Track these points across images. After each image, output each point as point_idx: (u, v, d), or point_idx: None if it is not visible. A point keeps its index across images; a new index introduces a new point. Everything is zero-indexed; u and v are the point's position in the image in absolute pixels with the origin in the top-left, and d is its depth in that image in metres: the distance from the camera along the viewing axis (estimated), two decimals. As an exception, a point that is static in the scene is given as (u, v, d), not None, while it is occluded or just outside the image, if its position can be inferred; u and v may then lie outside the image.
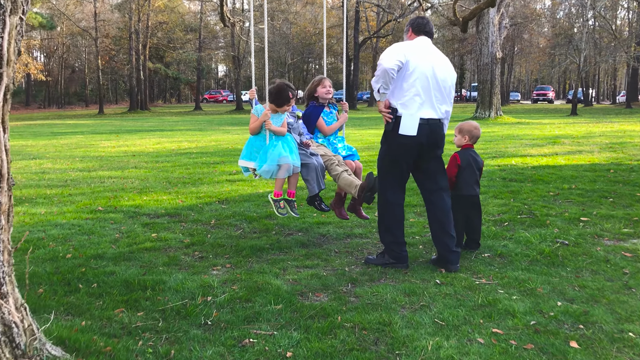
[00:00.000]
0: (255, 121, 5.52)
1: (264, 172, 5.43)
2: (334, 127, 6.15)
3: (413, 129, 4.71)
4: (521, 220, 6.60)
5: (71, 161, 12.86)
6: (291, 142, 5.61)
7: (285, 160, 5.39)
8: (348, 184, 5.64)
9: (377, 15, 57.46)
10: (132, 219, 6.95)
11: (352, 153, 6.14)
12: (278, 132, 5.53)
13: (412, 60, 4.70)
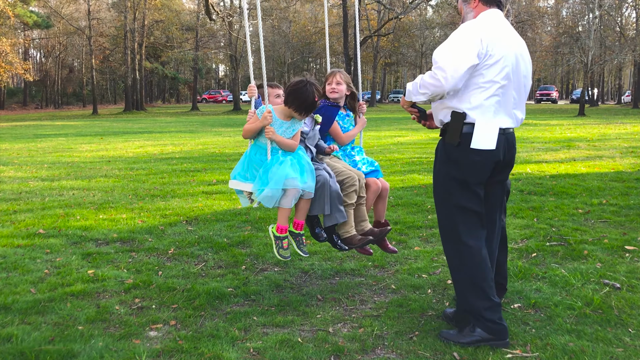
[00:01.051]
0: (253, 122, 4.14)
1: (265, 198, 4.02)
2: (352, 134, 4.83)
3: (491, 141, 3.36)
4: (552, 250, 5.32)
5: (37, 168, 11.60)
6: (303, 158, 4.22)
7: (293, 184, 4.00)
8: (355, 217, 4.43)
9: (378, 13, 56.17)
10: (75, 246, 5.68)
11: (375, 169, 4.79)
12: (285, 145, 4.15)
13: (494, 49, 3.31)
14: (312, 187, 4.06)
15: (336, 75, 4.83)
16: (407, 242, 5.72)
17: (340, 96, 4.84)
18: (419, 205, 7.40)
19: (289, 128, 4.20)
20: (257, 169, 4.13)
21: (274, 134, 4.06)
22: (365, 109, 5.07)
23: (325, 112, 4.83)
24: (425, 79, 3.38)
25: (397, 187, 8.85)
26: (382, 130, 21.50)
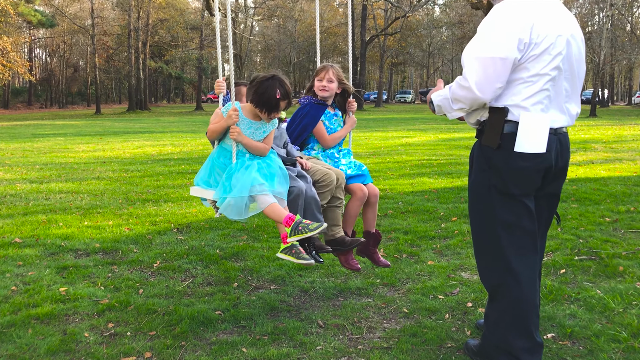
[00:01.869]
0: (218, 121, 3.69)
1: (228, 208, 3.53)
2: (338, 136, 4.36)
3: (541, 143, 2.71)
4: (582, 266, 4.73)
5: (28, 169, 11.08)
6: (274, 162, 3.75)
7: (260, 190, 3.50)
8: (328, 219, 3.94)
9: (385, 12, 55.55)
10: (51, 258, 5.14)
11: (362, 173, 4.27)
12: (254, 149, 3.71)
13: (540, 35, 2.65)
14: (283, 194, 3.59)
15: (328, 71, 4.30)
16: (420, 254, 5.15)
17: (330, 95, 4.33)
18: (430, 212, 6.83)
19: (258, 129, 3.73)
20: (221, 174, 3.67)
21: (240, 135, 3.62)
22: (355, 107, 4.53)
23: (309, 111, 4.32)
24: (455, 90, 2.76)
25: (406, 191, 8.27)
26: (389, 131, 20.91)
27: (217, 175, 3.70)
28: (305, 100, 4.42)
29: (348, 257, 4.16)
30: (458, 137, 17.43)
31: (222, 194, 3.54)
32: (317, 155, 4.31)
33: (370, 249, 4.26)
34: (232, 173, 3.58)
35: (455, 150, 13.57)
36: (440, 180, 9.18)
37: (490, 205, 2.81)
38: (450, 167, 10.68)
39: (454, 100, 2.77)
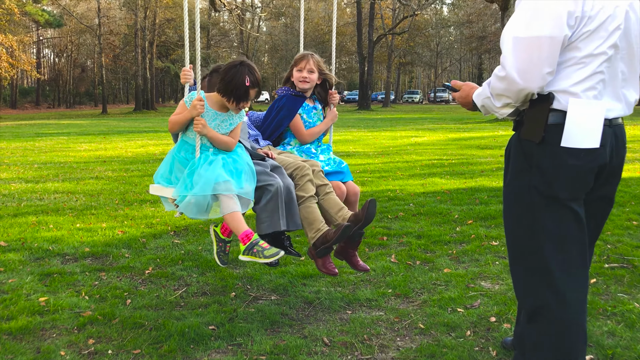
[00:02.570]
0: (181, 112, 3.39)
1: (188, 207, 3.27)
2: (317, 130, 4.07)
3: (594, 137, 2.26)
4: (614, 275, 4.31)
5: (26, 169, 10.73)
6: (242, 158, 3.45)
7: (225, 188, 3.22)
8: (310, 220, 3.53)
9: (393, 11, 55.08)
10: (36, 263, 4.76)
11: (342, 170, 3.96)
12: (220, 143, 3.42)
13: (594, 7, 2.20)
14: (250, 194, 3.34)
15: (309, 60, 3.95)
16: (435, 261, 4.73)
17: (310, 87, 4.00)
18: (444, 215, 6.40)
19: (224, 121, 3.44)
20: (183, 170, 3.38)
21: (205, 127, 3.32)
22: (337, 99, 4.20)
23: (286, 103, 3.98)
24: (494, 84, 2.29)
25: (417, 192, 7.85)
26: (398, 130, 20.47)
27: (178, 172, 3.41)
28: (282, 92, 4.09)
29: (325, 260, 3.80)
30: (468, 137, 16.98)
31: (182, 191, 3.26)
32: (292, 150, 3.99)
33: (349, 252, 3.86)
34: (195, 169, 3.30)
35: (467, 150, 13.13)
36: (453, 180, 8.75)
37: (532, 212, 2.35)
38: (462, 167, 10.25)
39: (496, 96, 2.31)
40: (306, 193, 3.50)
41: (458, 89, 2.64)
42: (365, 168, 10.25)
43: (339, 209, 3.57)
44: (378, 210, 6.62)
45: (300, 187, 3.52)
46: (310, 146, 4.04)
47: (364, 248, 5.13)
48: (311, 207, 3.50)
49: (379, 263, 4.64)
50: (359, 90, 45.43)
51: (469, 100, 2.55)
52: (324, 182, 3.63)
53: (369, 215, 3.40)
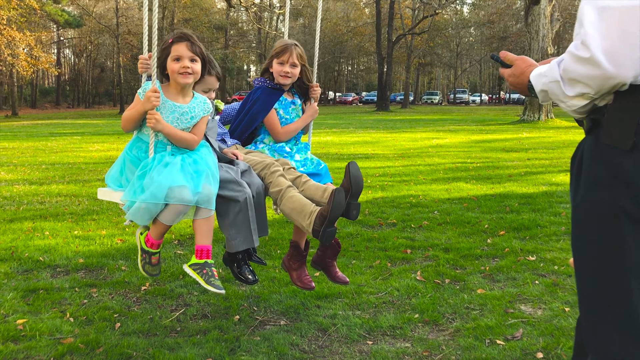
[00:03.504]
0: (136, 106, 2.99)
1: (137, 213, 2.89)
2: (293, 128, 3.61)
3: None
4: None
5: (33, 169, 10.36)
6: (203, 159, 3.06)
7: (180, 197, 2.83)
8: (298, 209, 3.05)
9: (413, 11, 54.39)
10: (24, 276, 4.31)
11: (319, 172, 3.50)
12: (180, 140, 3.02)
13: None
14: (210, 201, 2.93)
15: (292, 53, 3.49)
16: (466, 279, 4.20)
17: (291, 81, 3.56)
18: (472, 224, 5.86)
19: (184, 114, 3.02)
20: (135, 171, 2.98)
21: (159, 122, 2.92)
22: (319, 93, 3.75)
23: (261, 96, 3.52)
24: (569, 66, 1.69)
25: (441, 198, 7.30)
26: (418, 132, 19.88)
27: (129, 173, 3.01)
28: (257, 82, 3.63)
29: (301, 273, 3.40)
30: (492, 139, 16.36)
31: (131, 196, 2.86)
32: (263, 149, 3.54)
33: (327, 261, 3.44)
34: (147, 171, 2.90)
35: (491, 153, 12.54)
36: (479, 186, 8.19)
37: (617, 240, 1.73)
38: (488, 171, 9.67)
39: (569, 81, 1.70)
40: (281, 186, 3.10)
41: (510, 64, 2.04)
42: (385, 171, 9.71)
43: (323, 190, 3.16)
44: (400, 219, 6.10)
45: (273, 184, 3.13)
46: (284, 145, 3.58)
47: (386, 262, 4.62)
48: (295, 196, 3.07)
49: (402, 281, 4.12)
50: (377, 91, 44.81)
51: (523, 80, 1.94)
52: (296, 175, 3.24)
53: (355, 179, 2.97)
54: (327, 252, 3.39)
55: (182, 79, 2.97)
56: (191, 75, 2.99)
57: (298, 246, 3.47)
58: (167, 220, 2.91)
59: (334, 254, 3.41)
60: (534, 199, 7.15)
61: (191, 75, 2.99)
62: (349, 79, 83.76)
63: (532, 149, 13.30)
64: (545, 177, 8.81)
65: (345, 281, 3.43)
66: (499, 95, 71.55)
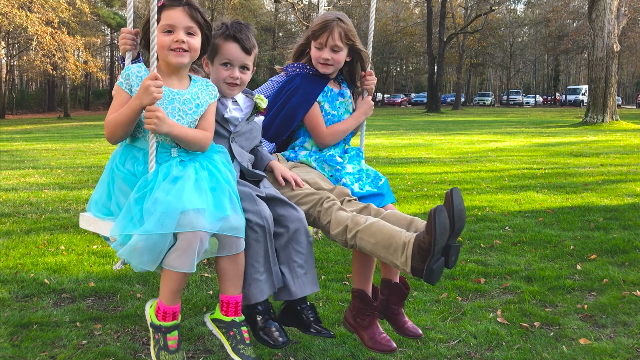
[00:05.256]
0: (123, 104, 2.22)
1: (132, 252, 2.09)
2: (343, 128, 2.80)
3: None
4: None
5: (68, 173, 9.87)
6: (220, 169, 2.30)
7: (196, 222, 2.06)
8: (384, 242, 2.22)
9: (465, 10, 52.80)
10: (21, 303, 3.64)
11: (379, 191, 2.68)
12: (189, 141, 2.28)
13: None
14: (240, 229, 2.18)
15: (333, 32, 2.68)
16: (561, 323, 3.29)
17: (335, 70, 2.74)
18: (554, 244, 4.92)
19: (186, 103, 2.29)
20: (128, 192, 2.20)
21: (163, 121, 2.16)
22: (374, 83, 2.87)
23: (300, 86, 2.72)
24: None
25: (511, 210, 6.36)
26: (473, 134, 18.76)
27: (120, 196, 2.23)
28: (293, 70, 2.79)
29: (374, 332, 2.54)
30: (555, 142, 15.14)
31: (124, 228, 2.08)
32: (308, 159, 2.73)
33: (392, 308, 2.65)
34: (148, 191, 2.12)
35: (559, 158, 11.42)
36: (553, 196, 7.19)
37: None
38: (559, 178, 8.63)
39: None
40: (345, 220, 2.30)
41: None
42: (442, 178, 8.79)
43: (407, 224, 2.35)
44: (466, 236, 5.21)
45: (333, 223, 2.34)
46: (333, 152, 2.77)
47: (456, 295, 3.75)
48: (373, 225, 2.25)
49: (480, 324, 3.26)
50: (427, 92, 43.51)
51: None
52: (360, 207, 2.45)
53: (458, 212, 2.14)
54: (392, 296, 2.59)
55: (174, 58, 2.24)
56: (187, 53, 2.26)
57: (365, 296, 2.59)
58: (181, 264, 2.08)
59: (401, 298, 2.59)
60: (621, 212, 6.13)
61: (187, 54, 2.26)
62: (398, 80, 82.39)
63: (602, 153, 12.10)
64: (628, 187, 7.72)
65: (417, 334, 2.61)
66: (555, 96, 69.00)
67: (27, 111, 50.89)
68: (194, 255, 2.06)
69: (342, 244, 2.33)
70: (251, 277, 2.26)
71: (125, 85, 2.23)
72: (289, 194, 2.47)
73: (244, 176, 2.50)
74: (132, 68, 2.27)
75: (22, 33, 27.81)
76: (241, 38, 2.50)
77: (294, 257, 2.33)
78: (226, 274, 2.20)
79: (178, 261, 2.07)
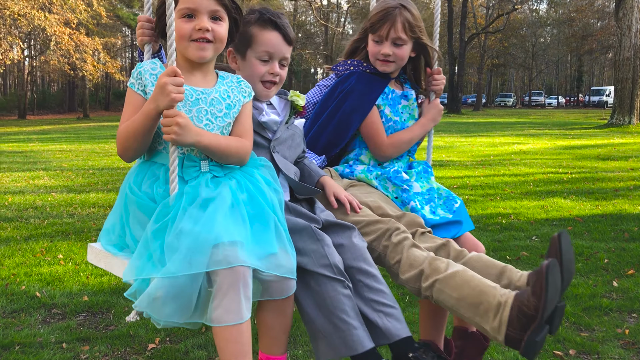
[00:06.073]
0: (137, 110, 1.77)
1: (151, 301, 1.60)
2: (407, 137, 2.37)
3: None
4: None
5: (78, 175, 9.67)
6: (264, 190, 1.82)
7: (230, 256, 1.58)
8: (472, 299, 1.77)
9: (487, 10, 52.10)
10: (7, 320, 3.37)
11: (455, 218, 2.23)
12: (222, 152, 1.84)
13: None
14: (290, 269, 1.73)
15: (396, 22, 2.26)
16: (600, 351, 2.94)
17: (397, 68, 2.34)
18: (586, 257, 4.54)
19: (215, 103, 1.86)
20: (146, 222, 1.74)
21: (187, 128, 1.73)
22: (442, 84, 2.44)
23: (356, 86, 2.29)
24: None
25: (538, 218, 5.97)
26: (496, 136, 18.29)
27: (136, 227, 1.79)
28: (346, 68, 2.40)
29: None
30: (581, 145, 14.64)
31: (140, 270, 1.63)
32: (367, 175, 2.29)
33: None
34: (170, 220, 1.67)
35: (585, 162, 10.95)
36: (581, 203, 6.78)
37: None
38: (588, 183, 8.20)
39: None
40: (421, 263, 1.87)
41: None
42: (464, 182, 8.40)
43: (497, 273, 1.92)
44: (490, 247, 4.85)
45: (404, 264, 1.90)
46: (397, 166, 2.34)
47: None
48: (457, 275, 1.82)
49: (507, 352, 2.90)
50: (448, 93, 42.93)
51: None
52: (438, 243, 2.00)
53: (567, 262, 1.68)
54: (467, 348, 2.19)
55: (195, 51, 1.83)
56: (210, 44, 1.85)
57: (436, 349, 2.18)
58: (226, 314, 1.59)
59: (480, 351, 2.20)
60: (658, 221, 5.72)
61: (211, 45, 1.85)
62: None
63: (632, 157, 11.60)
64: (663, 193, 7.29)
65: None
66: (578, 97, 67.85)
67: (48, 112, 51.29)
68: (240, 298, 1.58)
69: (414, 292, 1.92)
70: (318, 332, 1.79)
71: (137, 87, 1.84)
72: (355, 221, 2.04)
73: (292, 193, 2.09)
74: (145, 65, 1.86)
75: (41, 34, 27.91)
76: (282, 25, 2.11)
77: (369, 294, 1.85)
78: (270, 328, 1.78)
79: (223, 312, 1.58)
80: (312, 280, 1.80)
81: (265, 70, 2.09)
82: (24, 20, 24.48)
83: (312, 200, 2.12)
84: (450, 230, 2.19)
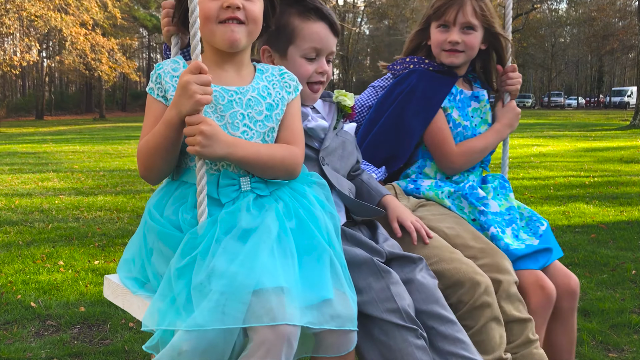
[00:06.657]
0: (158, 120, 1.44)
1: (173, 356, 1.22)
2: (480, 146, 2.05)
3: None
4: None
5: (88, 177, 9.57)
6: (317, 217, 1.45)
7: (274, 310, 1.23)
8: None
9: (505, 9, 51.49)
10: (-2, 333, 3.21)
11: (542, 244, 1.89)
12: (264, 165, 1.47)
13: None
14: (350, 319, 1.35)
15: (465, 4, 1.98)
16: (630, 376, 2.69)
17: (466, 60, 2.03)
18: (611, 267, 4.29)
19: (252, 104, 1.51)
20: (170, 256, 1.39)
21: (215, 139, 1.39)
22: (519, 84, 2.16)
23: (418, 86, 1.97)
24: None
25: (559, 225, 5.72)
26: (514, 138, 17.94)
27: (159, 262, 1.45)
28: (404, 67, 2.08)
29: None
30: (603, 147, 14.26)
31: (161, 319, 1.29)
32: (437, 193, 1.98)
33: None
34: (198, 254, 1.32)
35: (608, 165, 10.62)
36: (605, 208, 6.49)
37: None
38: (611, 188, 7.90)
39: None
40: (499, 350, 1.59)
41: None
42: (481, 186, 8.14)
43: None
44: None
45: (475, 334, 1.60)
46: (470, 180, 2.01)
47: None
48: None
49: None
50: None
51: None
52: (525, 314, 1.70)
53: None
54: None
55: (223, 35, 1.47)
56: (243, 26, 1.48)
57: None
58: None
59: None
60: (687, 229, 5.43)
61: (243, 28, 1.49)
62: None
63: (656, 159, 11.26)
64: (691, 198, 6.98)
65: None
66: (598, 98, 66.88)
67: (65, 113, 51.76)
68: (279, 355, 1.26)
69: None
70: None
71: (157, 92, 1.52)
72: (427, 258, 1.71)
73: (347, 214, 1.75)
74: (165, 65, 1.52)
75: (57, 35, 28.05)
76: (329, 13, 1.79)
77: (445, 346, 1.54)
78: None
79: None
80: (376, 328, 1.50)
81: (313, 69, 1.77)
82: (41, 21, 24.60)
83: (374, 224, 1.78)
84: (538, 261, 1.86)
